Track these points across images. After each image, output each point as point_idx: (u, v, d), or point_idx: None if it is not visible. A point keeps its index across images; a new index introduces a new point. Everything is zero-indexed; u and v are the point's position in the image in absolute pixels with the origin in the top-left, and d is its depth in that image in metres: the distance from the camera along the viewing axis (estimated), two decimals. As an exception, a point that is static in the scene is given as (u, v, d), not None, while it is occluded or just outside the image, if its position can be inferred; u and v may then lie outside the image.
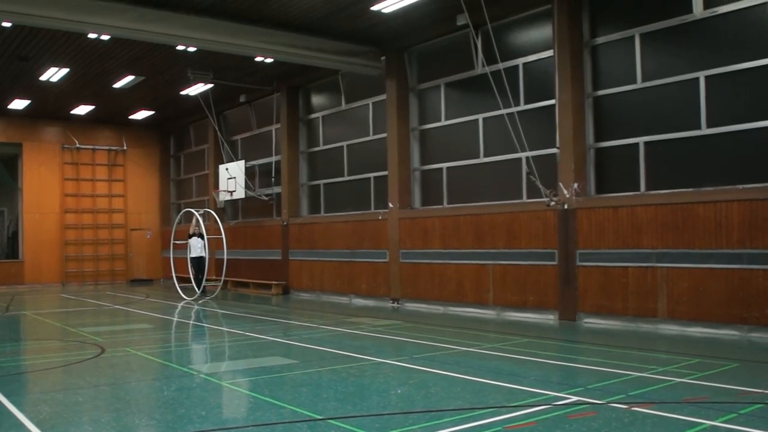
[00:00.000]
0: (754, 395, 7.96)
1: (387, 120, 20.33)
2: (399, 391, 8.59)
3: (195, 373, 9.86)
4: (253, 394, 8.56)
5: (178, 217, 24.90)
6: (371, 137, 21.66)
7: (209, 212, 25.49)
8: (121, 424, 7.11)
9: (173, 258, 24.67)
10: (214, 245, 24.31)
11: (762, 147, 12.98)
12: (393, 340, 13.11)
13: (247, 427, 6.90)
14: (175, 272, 24.71)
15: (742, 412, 7.22)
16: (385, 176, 20.44)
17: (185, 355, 11.95)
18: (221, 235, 23.39)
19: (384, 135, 20.62)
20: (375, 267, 20.62)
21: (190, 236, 23.15)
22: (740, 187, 13.03)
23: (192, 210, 24.02)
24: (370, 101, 21.67)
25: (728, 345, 11.92)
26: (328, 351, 11.68)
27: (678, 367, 9.77)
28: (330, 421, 7.00)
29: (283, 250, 24.69)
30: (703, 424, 6.70)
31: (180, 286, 23.56)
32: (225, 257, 23.01)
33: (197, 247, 23.01)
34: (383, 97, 20.65)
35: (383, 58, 20.32)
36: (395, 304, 19.76)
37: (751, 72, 13.22)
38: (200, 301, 21.67)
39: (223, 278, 23.36)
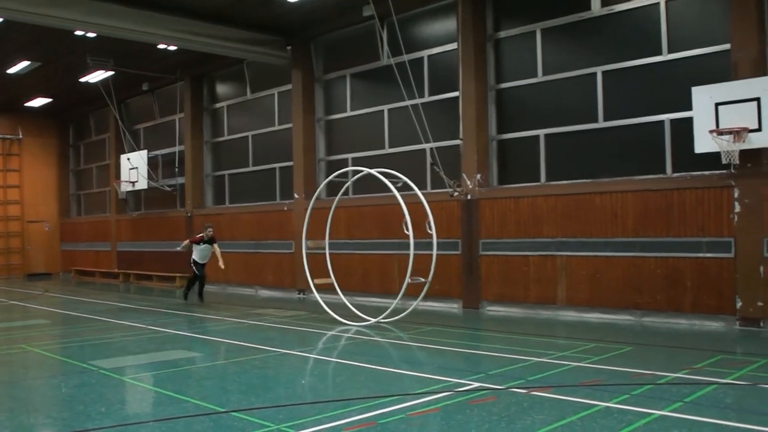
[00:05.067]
0: (645, 377, 8.31)
1: (292, 110, 20.22)
2: (304, 382, 8.59)
3: (95, 368, 9.59)
4: (156, 389, 8.40)
5: (324, 183, 16.29)
6: (277, 127, 21.50)
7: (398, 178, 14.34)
8: (16, 423, 6.86)
9: (306, 255, 15.60)
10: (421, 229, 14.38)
11: (655, 140, 13.53)
12: (299, 331, 13.08)
13: (148, 422, 6.76)
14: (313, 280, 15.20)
15: (634, 393, 7.53)
16: (291, 167, 20.35)
17: (85, 350, 11.60)
18: (427, 215, 14.07)
19: (289, 125, 20.51)
20: (281, 258, 20.51)
21: (203, 242, 18.30)
22: (635, 178, 13.55)
23: (369, 170, 14.65)
24: (275, 91, 21.50)
25: (623, 330, 12.40)
26: (233, 343, 11.57)
27: (575, 352, 10.10)
28: (234, 413, 6.95)
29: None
30: (598, 405, 6.96)
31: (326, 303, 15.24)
32: (434, 251, 13.84)
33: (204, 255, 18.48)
34: (289, 86, 20.52)
35: (289, 47, 20.16)
36: (301, 295, 19.71)
37: (645, 68, 13.76)
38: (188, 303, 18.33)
39: (429, 279, 13.65)
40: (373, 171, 14.36)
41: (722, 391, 7.62)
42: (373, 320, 13.46)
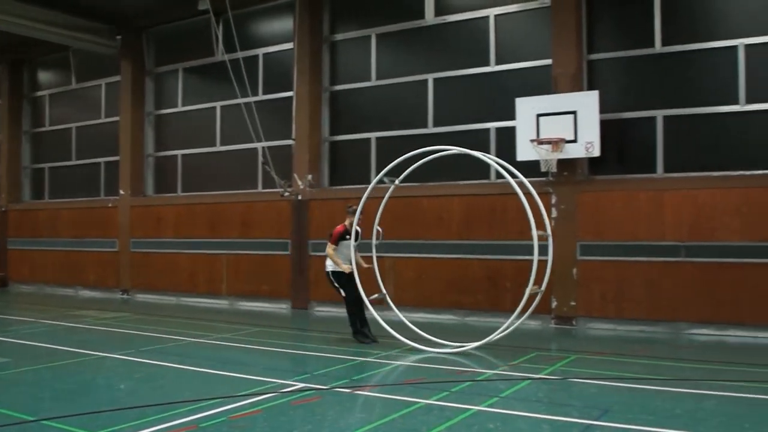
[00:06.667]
0: (465, 374, 8.63)
1: (121, 103, 19.43)
2: (123, 386, 8.24)
3: None
4: (-45, 396, 7.79)
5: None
6: (103, 120, 20.57)
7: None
8: None
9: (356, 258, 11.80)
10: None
11: (480, 147, 14.02)
12: (120, 333, 12.57)
13: (-56, 432, 6.25)
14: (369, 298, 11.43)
15: (454, 390, 7.78)
16: (117, 162, 19.53)
17: None
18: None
19: (117, 118, 19.68)
20: (104, 257, 19.63)
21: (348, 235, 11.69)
22: (461, 183, 14.03)
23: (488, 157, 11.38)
24: (103, 82, 20.57)
25: (447, 328, 12.75)
26: (48, 347, 10.92)
27: (401, 351, 10.32)
28: (45, 422, 6.53)
29: (1, 238, 22.72)
30: (419, 402, 7.12)
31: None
32: (550, 256, 10.82)
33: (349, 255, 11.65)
34: (118, 78, 19.68)
35: (119, 37, 19.34)
36: (125, 295, 18.97)
37: (474, 78, 14.34)
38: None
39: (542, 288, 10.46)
40: (484, 156, 10.97)
41: (535, 386, 8.04)
42: (469, 345, 10.16)
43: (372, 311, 11.11)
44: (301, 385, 8.02)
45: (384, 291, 11.63)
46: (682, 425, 6.33)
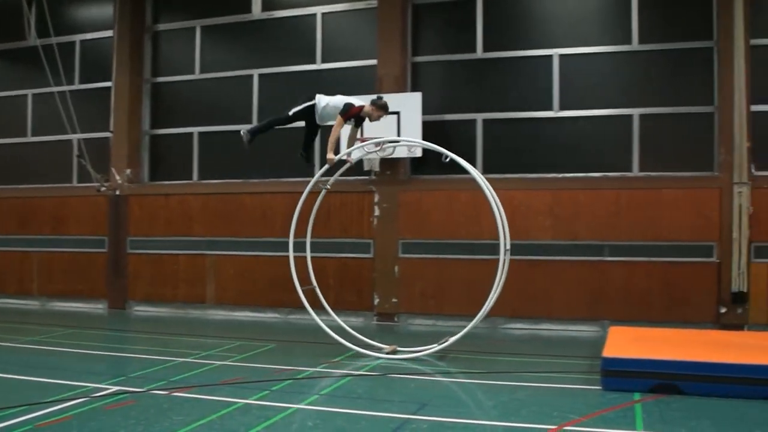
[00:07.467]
0: (286, 372, 8.60)
1: None
2: None
3: None
4: None
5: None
6: None
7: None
8: None
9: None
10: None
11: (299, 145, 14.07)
12: None
13: None
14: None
15: (274, 389, 7.74)
16: None
17: None
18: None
19: None
20: None
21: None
22: (284, 180, 13.98)
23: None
24: None
25: (269, 327, 12.72)
26: None
27: (221, 351, 10.13)
28: None
29: None
30: (238, 403, 7.02)
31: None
32: (505, 257, 10.12)
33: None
34: None
35: None
36: None
37: (300, 75, 14.35)
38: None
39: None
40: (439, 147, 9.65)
41: (355, 383, 8.15)
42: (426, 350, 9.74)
43: (313, 314, 10.63)
44: (116, 388, 7.69)
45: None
46: (496, 416, 6.64)
